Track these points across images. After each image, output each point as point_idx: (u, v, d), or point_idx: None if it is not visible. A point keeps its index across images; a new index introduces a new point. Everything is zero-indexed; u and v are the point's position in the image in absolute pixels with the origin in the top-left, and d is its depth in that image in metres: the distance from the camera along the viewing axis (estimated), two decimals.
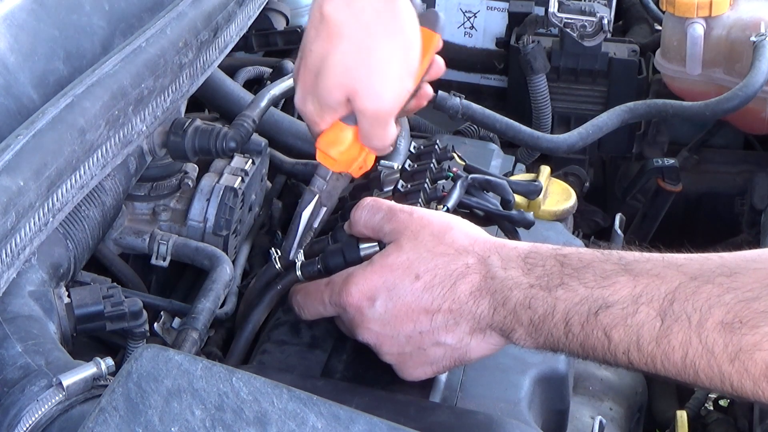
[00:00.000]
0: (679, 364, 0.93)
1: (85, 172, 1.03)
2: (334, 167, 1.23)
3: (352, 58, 1.14)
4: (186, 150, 1.32)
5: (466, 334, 1.05)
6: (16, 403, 0.91)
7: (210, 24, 1.25)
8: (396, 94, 1.17)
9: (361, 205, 1.13)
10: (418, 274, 1.05)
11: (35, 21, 1.11)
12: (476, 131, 1.91)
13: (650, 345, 0.94)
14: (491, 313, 1.03)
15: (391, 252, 1.07)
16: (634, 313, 0.95)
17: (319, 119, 1.19)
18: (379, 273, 1.06)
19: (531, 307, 1.00)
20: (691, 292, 0.93)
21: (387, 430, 0.78)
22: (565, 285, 0.99)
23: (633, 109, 1.81)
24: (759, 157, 2.18)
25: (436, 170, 1.32)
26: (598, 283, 0.98)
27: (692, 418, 1.81)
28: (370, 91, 1.15)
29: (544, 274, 1.00)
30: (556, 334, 0.99)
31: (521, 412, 1.10)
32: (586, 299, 0.97)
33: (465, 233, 1.07)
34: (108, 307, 1.10)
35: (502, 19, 2.29)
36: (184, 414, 0.77)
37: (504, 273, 1.02)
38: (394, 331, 1.06)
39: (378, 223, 1.10)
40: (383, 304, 1.06)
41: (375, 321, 1.07)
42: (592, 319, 0.97)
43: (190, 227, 1.38)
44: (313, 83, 1.17)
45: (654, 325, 0.94)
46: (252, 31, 1.88)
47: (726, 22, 1.95)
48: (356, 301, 1.07)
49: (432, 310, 1.04)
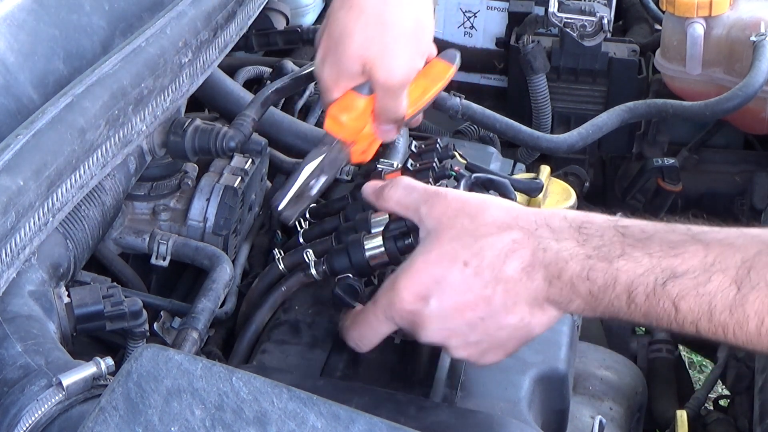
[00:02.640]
0: (754, 333, 0.90)
1: (85, 172, 1.03)
2: (342, 133, 1.27)
3: (371, 31, 1.23)
4: (186, 150, 1.32)
5: (526, 311, 1.01)
6: (16, 403, 0.91)
7: (210, 24, 1.25)
8: (407, 71, 1.26)
9: (396, 183, 1.12)
10: (465, 260, 1.01)
11: (35, 21, 1.11)
12: (476, 131, 1.91)
13: (723, 314, 0.91)
14: (546, 286, 0.99)
15: (431, 245, 1.03)
16: (707, 281, 0.92)
17: (333, 84, 1.26)
18: (424, 270, 1.03)
19: (590, 279, 0.97)
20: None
21: (387, 430, 0.78)
22: (627, 255, 0.96)
23: (633, 108, 1.81)
24: (759, 157, 2.18)
25: (438, 169, 1.32)
26: (665, 252, 0.94)
27: (692, 418, 1.81)
28: (384, 66, 1.23)
29: (602, 244, 0.97)
30: (618, 304, 0.96)
31: (521, 411, 1.10)
32: (652, 269, 0.94)
33: (505, 209, 1.04)
34: (108, 306, 1.10)
35: (502, 18, 2.29)
36: (184, 414, 0.77)
37: (557, 245, 0.99)
38: (456, 324, 1.03)
39: (413, 203, 1.08)
40: (437, 300, 1.02)
41: (434, 318, 1.03)
42: (659, 289, 0.94)
43: (190, 227, 1.38)
44: (334, 50, 1.25)
45: (728, 294, 0.91)
46: (252, 31, 1.88)
47: (726, 22, 1.94)
48: (409, 305, 1.03)
49: (487, 294, 1.01)
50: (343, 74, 1.25)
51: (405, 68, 1.26)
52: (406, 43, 1.25)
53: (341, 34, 1.24)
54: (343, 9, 1.25)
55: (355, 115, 1.27)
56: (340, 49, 1.24)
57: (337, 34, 1.25)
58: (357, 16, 1.23)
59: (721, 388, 2.22)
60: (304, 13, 2.08)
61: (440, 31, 2.29)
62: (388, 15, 1.23)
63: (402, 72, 1.26)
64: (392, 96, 1.27)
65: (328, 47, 1.26)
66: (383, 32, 1.23)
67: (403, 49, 1.25)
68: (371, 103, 1.27)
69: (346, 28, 1.24)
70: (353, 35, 1.23)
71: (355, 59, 1.23)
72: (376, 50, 1.23)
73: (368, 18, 1.23)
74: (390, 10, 1.24)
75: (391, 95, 1.26)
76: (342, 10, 1.25)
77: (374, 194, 1.14)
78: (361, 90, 1.26)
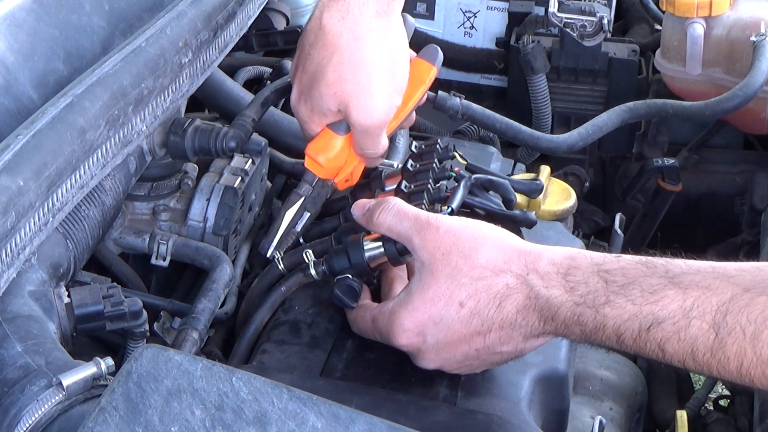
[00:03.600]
0: (735, 374, 0.93)
1: (85, 172, 1.03)
2: (321, 173, 1.29)
3: (345, 71, 1.21)
4: (186, 150, 1.32)
5: (521, 342, 1.06)
6: (16, 403, 0.91)
7: (210, 24, 1.25)
8: (384, 110, 1.23)
9: (387, 208, 1.12)
10: (461, 301, 1.05)
11: (35, 21, 1.11)
12: (476, 131, 1.91)
13: (705, 356, 0.94)
14: (542, 325, 1.04)
15: (428, 284, 1.07)
16: (687, 326, 0.95)
17: (310, 122, 1.26)
18: (421, 309, 1.07)
19: (580, 323, 1.01)
20: (745, 303, 0.93)
21: (387, 430, 0.78)
22: (612, 303, 0.99)
23: (633, 109, 1.81)
24: (759, 157, 2.18)
25: (438, 170, 1.32)
26: (646, 299, 0.98)
27: (692, 418, 1.81)
28: (360, 106, 1.22)
29: (587, 292, 1.01)
30: (609, 343, 1.01)
31: (521, 411, 1.10)
32: (636, 316, 0.98)
33: (498, 247, 1.07)
34: (108, 307, 1.10)
35: (502, 19, 2.29)
36: (184, 414, 0.77)
37: (547, 292, 1.03)
38: (451, 355, 1.08)
39: (405, 233, 1.10)
40: (434, 337, 1.07)
41: (430, 352, 1.08)
42: (644, 334, 0.97)
43: (190, 227, 1.38)
44: (309, 87, 1.24)
45: (708, 338, 0.94)
46: (252, 31, 1.88)
47: (726, 22, 1.94)
48: (407, 341, 1.08)
49: (483, 331, 1.06)
50: (317, 112, 1.25)
51: (382, 108, 1.24)
52: (382, 81, 1.23)
53: (315, 71, 1.22)
54: (316, 46, 1.22)
55: (333, 155, 1.27)
56: (314, 87, 1.23)
57: (311, 71, 1.23)
58: (330, 54, 1.21)
59: (721, 388, 2.22)
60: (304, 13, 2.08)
61: (440, 31, 2.29)
62: (362, 53, 1.21)
63: (379, 112, 1.23)
64: (371, 136, 1.25)
65: (302, 84, 1.25)
66: (357, 71, 1.21)
67: (378, 88, 1.22)
68: (349, 140, 1.27)
69: (319, 65, 1.22)
70: (327, 74, 1.21)
71: (329, 98, 1.22)
72: (351, 90, 1.21)
73: (341, 57, 1.21)
74: (364, 48, 1.21)
75: (369, 136, 1.25)
76: (315, 47, 1.22)
77: (364, 217, 1.14)
78: (338, 129, 1.26)
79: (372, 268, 1.16)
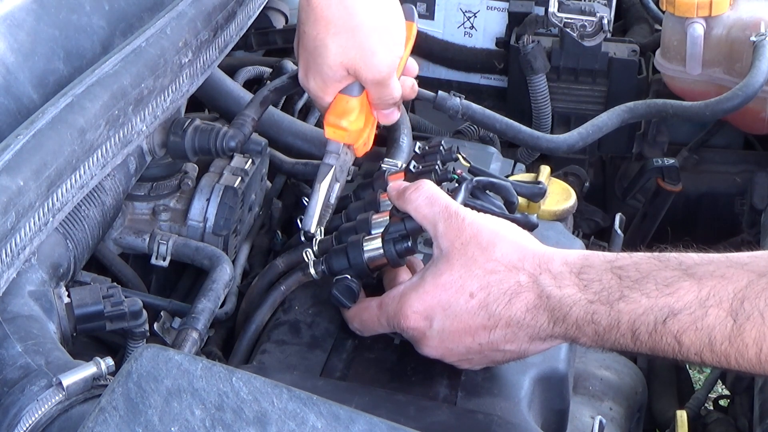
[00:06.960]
0: (754, 360, 0.94)
1: (85, 172, 1.03)
2: (346, 138, 1.31)
3: (343, 39, 1.25)
4: (186, 150, 1.32)
5: (525, 343, 1.07)
6: (16, 403, 0.91)
7: (210, 24, 1.25)
8: (389, 63, 1.29)
9: (420, 188, 1.13)
10: (472, 292, 1.06)
11: (35, 21, 1.11)
12: (476, 131, 1.91)
13: (723, 344, 0.95)
14: (551, 326, 1.04)
15: (442, 270, 1.07)
16: (704, 316, 0.95)
17: (323, 93, 1.30)
18: (432, 293, 1.07)
19: (594, 321, 1.01)
20: (762, 288, 0.93)
21: (387, 430, 0.78)
22: (626, 297, 0.99)
23: (633, 109, 1.81)
24: (759, 157, 2.18)
25: (441, 172, 1.32)
26: (660, 291, 0.98)
27: (692, 418, 1.81)
28: (368, 65, 1.26)
29: (602, 289, 1.01)
30: (623, 342, 1.00)
31: (521, 411, 1.10)
32: (651, 309, 0.98)
33: (514, 245, 1.07)
34: (108, 307, 1.10)
35: (502, 19, 2.29)
36: (184, 414, 0.77)
37: (559, 291, 1.03)
38: (454, 345, 1.08)
39: (432, 217, 1.10)
40: (441, 323, 1.07)
41: (434, 338, 1.09)
42: (660, 327, 0.97)
43: (190, 227, 1.38)
44: (314, 62, 1.28)
45: (726, 325, 0.94)
46: (251, 30, 1.88)
47: (726, 22, 1.94)
48: (413, 323, 1.08)
49: (489, 325, 1.06)
50: (328, 82, 1.29)
51: (388, 60, 1.29)
52: (381, 38, 1.27)
53: (316, 46, 1.26)
54: (308, 22, 1.26)
55: (354, 117, 1.30)
56: (319, 60, 1.27)
57: (311, 47, 1.27)
58: (325, 27, 1.25)
59: (721, 388, 2.22)
60: None
61: (440, 31, 2.29)
62: (355, 19, 1.25)
63: (387, 64, 1.29)
64: (385, 86, 1.31)
65: (307, 60, 1.29)
66: (355, 36, 1.25)
67: (379, 45, 1.27)
68: (364, 99, 1.31)
69: (317, 40, 1.26)
70: (328, 46, 1.25)
71: (336, 67, 1.27)
72: (355, 54, 1.26)
73: (336, 27, 1.25)
74: (355, 13, 1.25)
75: (383, 86, 1.30)
76: (308, 23, 1.26)
77: (397, 192, 1.16)
78: (351, 91, 1.30)
79: (371, 269, 1.16)
